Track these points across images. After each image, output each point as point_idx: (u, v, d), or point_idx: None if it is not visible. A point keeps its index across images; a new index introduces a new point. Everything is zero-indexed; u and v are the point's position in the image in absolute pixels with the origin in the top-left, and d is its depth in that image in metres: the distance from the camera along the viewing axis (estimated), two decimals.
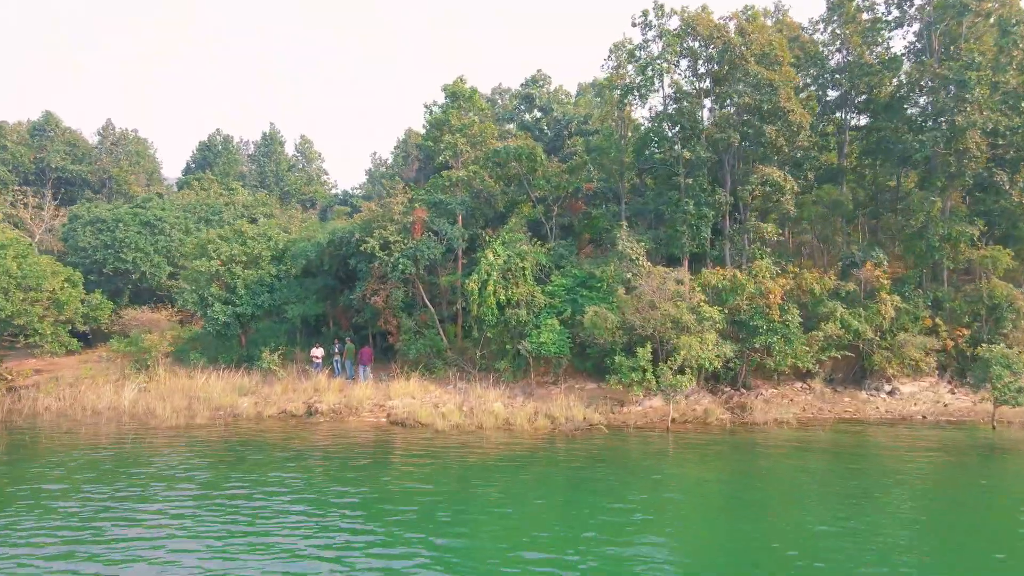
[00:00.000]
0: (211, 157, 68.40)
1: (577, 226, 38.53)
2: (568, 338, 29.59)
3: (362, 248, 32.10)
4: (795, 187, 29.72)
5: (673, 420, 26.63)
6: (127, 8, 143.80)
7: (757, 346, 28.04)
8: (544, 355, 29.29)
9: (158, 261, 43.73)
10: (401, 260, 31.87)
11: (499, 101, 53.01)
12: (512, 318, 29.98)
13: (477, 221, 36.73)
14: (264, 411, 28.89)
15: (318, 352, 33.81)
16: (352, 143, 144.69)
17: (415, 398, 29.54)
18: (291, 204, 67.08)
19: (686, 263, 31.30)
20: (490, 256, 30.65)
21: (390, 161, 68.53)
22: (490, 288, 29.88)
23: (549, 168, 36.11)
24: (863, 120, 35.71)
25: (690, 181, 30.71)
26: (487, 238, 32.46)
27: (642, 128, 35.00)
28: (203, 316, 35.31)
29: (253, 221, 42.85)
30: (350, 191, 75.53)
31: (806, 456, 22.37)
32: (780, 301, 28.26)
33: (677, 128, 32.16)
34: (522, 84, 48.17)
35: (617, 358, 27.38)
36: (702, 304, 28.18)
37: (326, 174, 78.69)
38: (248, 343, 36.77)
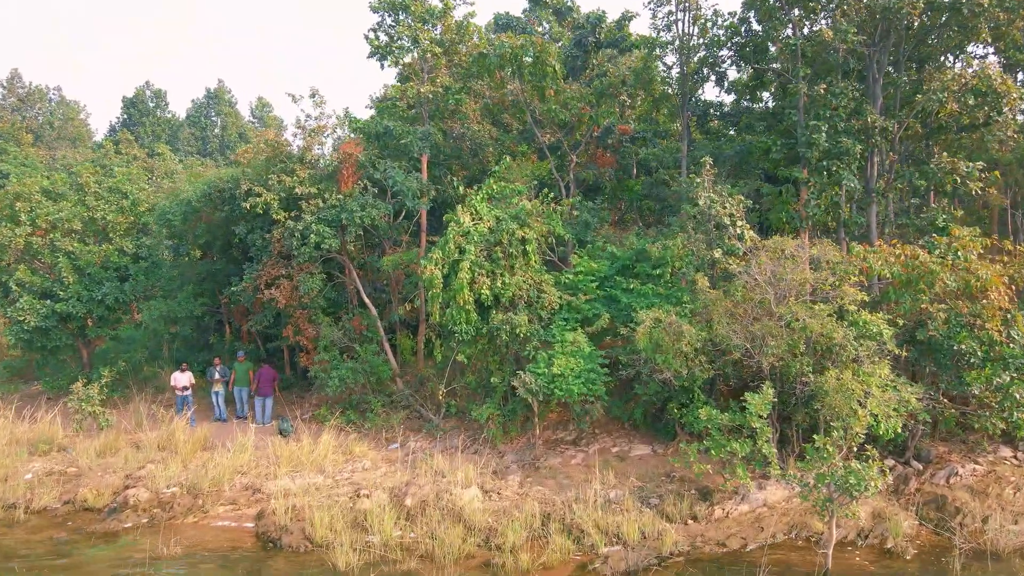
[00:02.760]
0: (137, 116, 55.09)
1: (606, 187, 25.31)
2: (603, 367, 16.36)
3: (247, 206, 18.78)
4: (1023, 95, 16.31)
5: (811, 539, 13.40)
6: (127, 8, 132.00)
7: (975, 391, 14.65)
8: (560, 398, 16.00)
9: None
10: (316, 226, 18.58)
11: (491, 37, 39.41)
12: (503, 329, 16.73)
13: (454, 175, 23.42)
14: (38, 498, 15.57)
15: (182, 379, 20.47)
16: None
17: (324, 474, 16.25)
18: None
19: (805, 238, 17.97)
20: (465, 219, 17.36)
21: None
22: (463, 275, 16.58)
23: (567, 90, 22.79)
24: None
25: (821, 89, 17.32)
26: (462, 193, 19.13)
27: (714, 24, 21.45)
28: (5, 316, 22.03)
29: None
30: None
31: None
32: (1008, 305, 14.96)
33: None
34: None
35: (704, 410, 14.12)
36: (857, 309, 14.90)
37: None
38: (92, 361, 23.49)
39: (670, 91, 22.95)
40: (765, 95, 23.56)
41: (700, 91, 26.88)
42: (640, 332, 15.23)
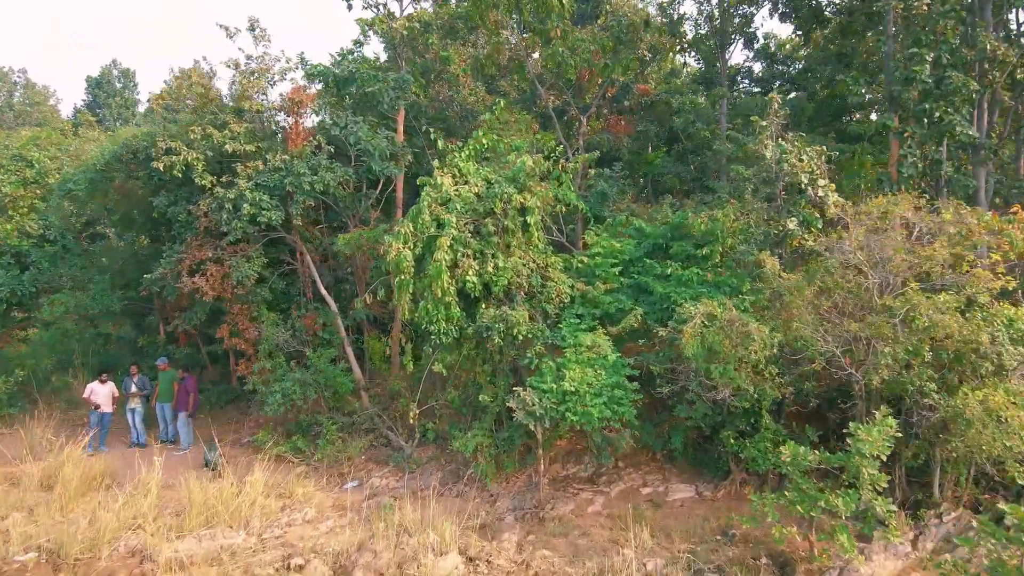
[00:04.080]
0: (103, 97, 50.53)
1: (623, 157, 20.94)
2: (631, 379, 11.90)
3: (160, 167, 14.33)
4: None
5: None
6: (127, 8, 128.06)
7: None
8: (575, 424, 11.50)
9: None
10: (251, 194, 14.15)
11: None
12: (495, 329, 12.25)
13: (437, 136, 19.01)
14: None
15: (101, 392, 15.97)
16: None
17: (248, 529, 11.78)
18: None
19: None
20: (445, 182, 12.92)
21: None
22: (441, 255, 12.10)
23: (576, 35, 18.36)
24: None
25: (923, 6, 12.88)
26: (442, 148, 14.66)
27: None
28: None
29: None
30: None
31: None
32: None
33: None
34: None
35: (787, 448, 9.68)
36: (990, 300, 10.50)
37: None
38: None
39: (705, 32, 18.51)
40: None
41: (728, 52, 22.50)
42: (687, 333, 10.82)
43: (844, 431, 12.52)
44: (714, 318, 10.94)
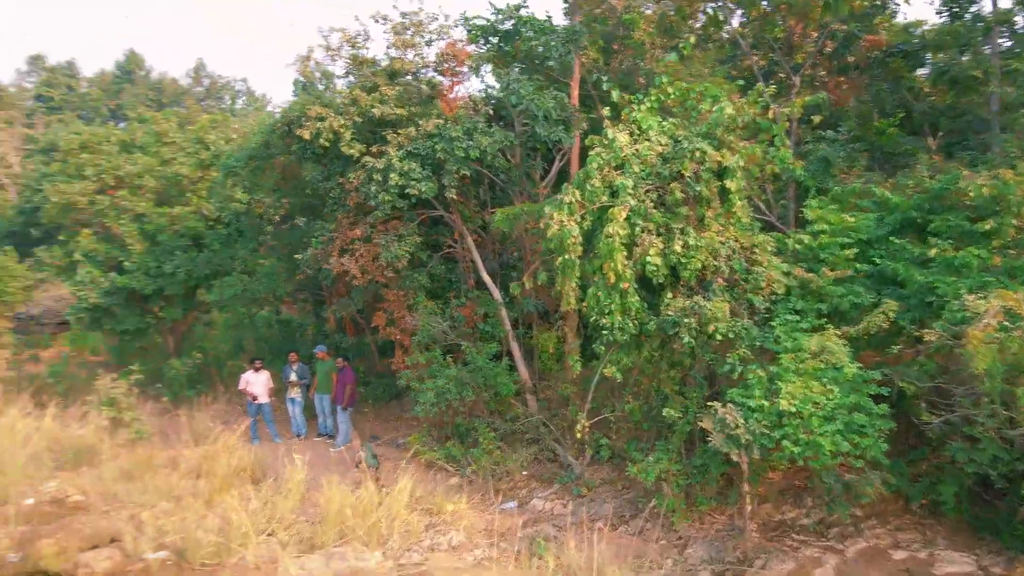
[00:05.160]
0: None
1: (850, 121, 17.03)
2: (879, 401, 8.59)
3: (305, 135, 13.15)
4: None
5: None
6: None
7: None
8: (796, 456, 8.44)
9: None
10: (399, 163, 12.55)
11: None
12: (685, 325, 9.45)
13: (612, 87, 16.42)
14: None
15: (257, 381, 15.38)
16: None
17: (385, 549, 10.06)
18: None
19: None
20: (619, 139, 10.33)
21: None
22: (615, 229, 9.55)
23: None
24: None
25: None
26: (617, 102, 11.97)
27: None
28: (70, 289, 18.43)
29: None
30: None
31: None
32: None
33: None
34: None
35: None
36: None
37: None
38: (181, 348, 19.47)
39: None
40: None
41: None
42: (974, 338, 7.38)
43: None
44: (1018, 317, 7.39)
